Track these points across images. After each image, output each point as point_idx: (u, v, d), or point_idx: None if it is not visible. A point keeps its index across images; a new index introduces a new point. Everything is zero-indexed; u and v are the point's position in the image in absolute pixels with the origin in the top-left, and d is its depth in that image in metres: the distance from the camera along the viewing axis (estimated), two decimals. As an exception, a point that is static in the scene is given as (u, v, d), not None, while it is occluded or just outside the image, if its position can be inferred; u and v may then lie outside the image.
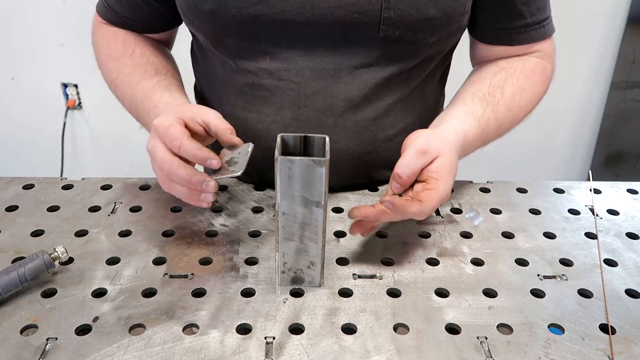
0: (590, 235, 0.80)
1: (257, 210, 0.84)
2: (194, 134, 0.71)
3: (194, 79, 1.01)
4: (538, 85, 0.88)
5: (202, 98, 0.98)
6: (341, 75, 0.81)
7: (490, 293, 0.69)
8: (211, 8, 0.78)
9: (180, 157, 0.70)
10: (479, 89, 0.85)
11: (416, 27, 0.78)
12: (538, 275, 0.72)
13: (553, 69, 0.92)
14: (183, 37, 1.00)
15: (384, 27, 0.77)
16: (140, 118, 0.85)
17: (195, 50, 0.95)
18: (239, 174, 0.69)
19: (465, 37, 0.91)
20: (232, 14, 0.77)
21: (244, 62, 0.83)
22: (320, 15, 0.76)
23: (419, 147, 0.71)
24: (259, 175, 0.88)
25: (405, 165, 0.71)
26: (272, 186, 0.66)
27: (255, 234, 0.78)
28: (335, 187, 0.88)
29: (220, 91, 0.89)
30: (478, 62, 0.93)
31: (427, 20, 0.77)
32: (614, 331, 0.63)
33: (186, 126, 0.71)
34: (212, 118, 0.72)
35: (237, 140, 0.72)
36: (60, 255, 0.68)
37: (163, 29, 0.95)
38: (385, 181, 0.91)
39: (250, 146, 0.71)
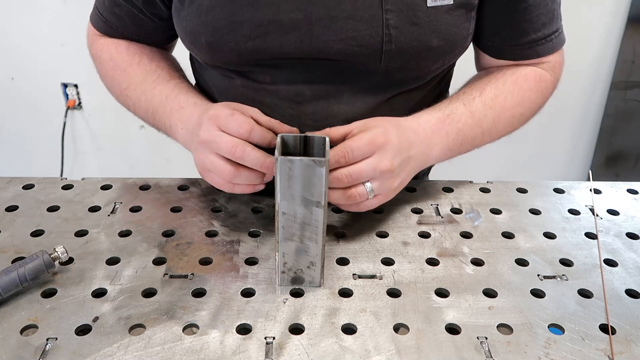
0: (590, 235, 0.80)
1: (257, 210, 0.84)
2: None
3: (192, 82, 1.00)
4: (529, 92, 0.86)
5: None
6: (342, 97, 0.81)
7: (490, 293, 0.69)
8: (208, 40, 0.77)
9: None
10: (455, 92, 0.85)
11: (418, 57, 0.77)
12: (538, 275, 0.72)
13: (556, 80, 0.90)
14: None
15: (385, 59, 0.76)
16: (160, 122, 0.84)
17: (195, 60, 0.93)
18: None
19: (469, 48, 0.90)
20: (229, 47, 0.77)
21: (244, 81, 0.83)
22: (319, 49, 0.76)
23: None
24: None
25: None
26: (272, 189, 0.67)
27: (255, 234, 0.78)
28: None
29: (220, 102, 0.88)
30: (482, 68, 0.93)
31: (430, 50, 0.77)
32: (614, 331, 0.63)
33: None
34: (259, 114, 0.74)
35: (291, 128, 0.74)
36: (60, 255, 0.68)
37: (165, 43, 0.93)
38: None
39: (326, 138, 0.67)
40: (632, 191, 0.91)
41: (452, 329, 0.63)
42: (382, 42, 0.75)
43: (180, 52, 0.99)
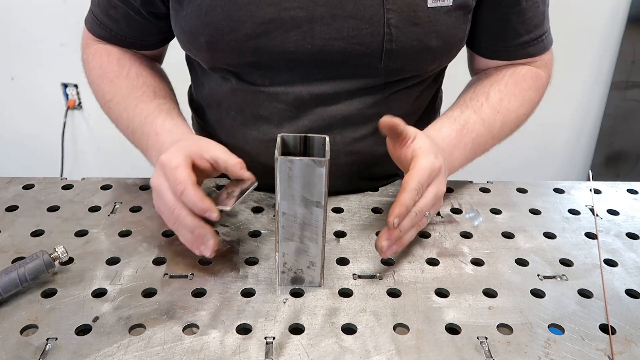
0: (590, 235, 0.80)
1: (257, 210, 0.84)
2: (200, 171, 0.70)
3: (187, 84, 0.99)
4: (529, 91, 0.87)
5: (198, 108, 0.96)
6: (340, 98, 0.81)
7: (490, 293, 0.69)
8: (208, 40, 0.77)
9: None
10: (461, 98, 0.86)
11: (418, 57, 0.78)
12: (538, 275, 0.72)
13: (549, 76, 0.92)
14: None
15: (385, 59, 0.76)
16: (138, 142, 0.83)
17: (193, 62, 0.92)
18: (227, 209, 0.67)
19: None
20: (230, 46, 0.76)
21: (243, 84, 0.82)
22: (320, 47, 0.76)
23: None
24: (259, 188, 0.88)
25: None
26: (272, 190, 0.67)
27: (255, 234, 0.78)
28: (335, 192, 0.88)
29: (219, 106, 0.88)
30: (476, 72, 0.93)
31: (429, 50, 0.77)
32: (614, 331, 0.63)
33: (193, 164, 0.69)
34: (220, 153, 0.70)
35: (247, 175, 0.70)
36: (60, 255, 0.68)
37: (159, 45, 0.92)
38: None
39: (254, 184, 0.70)
40: (632, 191, 0.91)
41: (452, 329, 0.63)
42: (382, 41, 0.75)
43: (178, 57, 0.99)
